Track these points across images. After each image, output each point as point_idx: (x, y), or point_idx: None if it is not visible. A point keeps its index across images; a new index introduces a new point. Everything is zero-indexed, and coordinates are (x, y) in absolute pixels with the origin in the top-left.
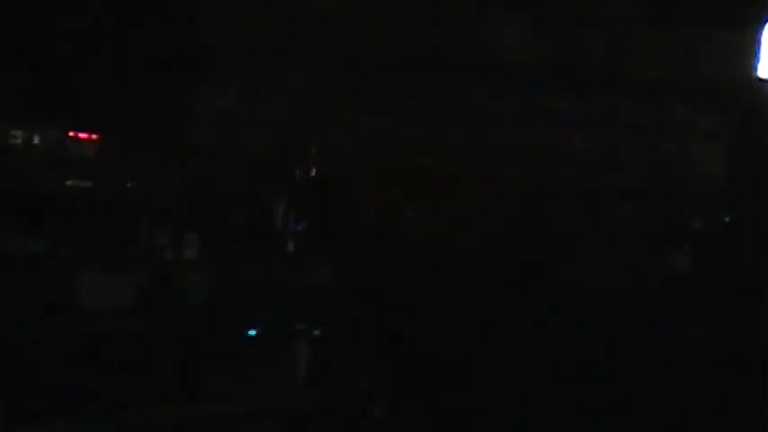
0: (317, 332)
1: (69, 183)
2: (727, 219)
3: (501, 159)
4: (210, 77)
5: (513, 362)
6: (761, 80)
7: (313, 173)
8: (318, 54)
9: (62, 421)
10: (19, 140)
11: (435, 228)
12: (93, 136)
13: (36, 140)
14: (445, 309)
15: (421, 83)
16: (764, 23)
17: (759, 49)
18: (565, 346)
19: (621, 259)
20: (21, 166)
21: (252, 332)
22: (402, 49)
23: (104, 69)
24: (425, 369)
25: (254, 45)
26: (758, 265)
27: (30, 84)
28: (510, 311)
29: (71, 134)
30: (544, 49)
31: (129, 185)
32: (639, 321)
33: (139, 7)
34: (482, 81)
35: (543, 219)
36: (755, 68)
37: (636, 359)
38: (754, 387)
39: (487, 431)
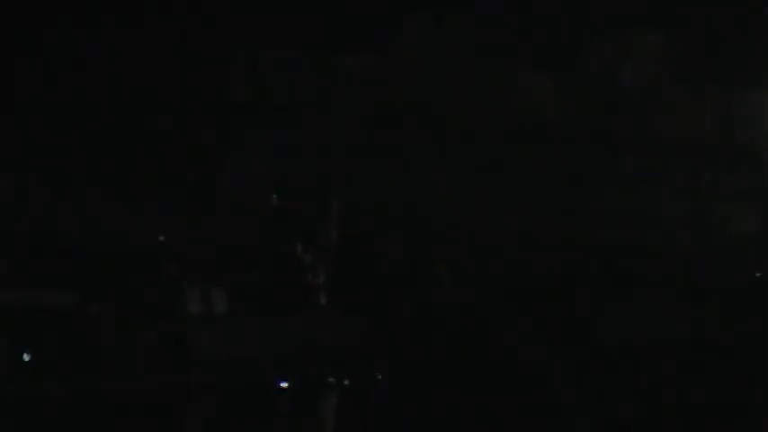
0: (346, 382)
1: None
2: (758, 276)
3: (531, 216)
4: (240, 135)
5: (543, 416)
6: None
7: (342, 228)
8: (348, 111)
9: None
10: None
11: (465, 283)
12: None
13: None
14: (475, 363)
15: (452, 140)
16: None
17: None
18: (593, 401)
19: (650, 317)
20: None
21: (283, 384)
22: (432, 106)
23: (135, 128)
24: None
25: (283, 102)
26: None
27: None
28: (539, 366)
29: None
30: (575, 108)
31: (159, 240)
32: (669, 379)
33: (170, 68)
34: (513, 139)
35: (572, 275)
36: None
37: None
38: None
39: None
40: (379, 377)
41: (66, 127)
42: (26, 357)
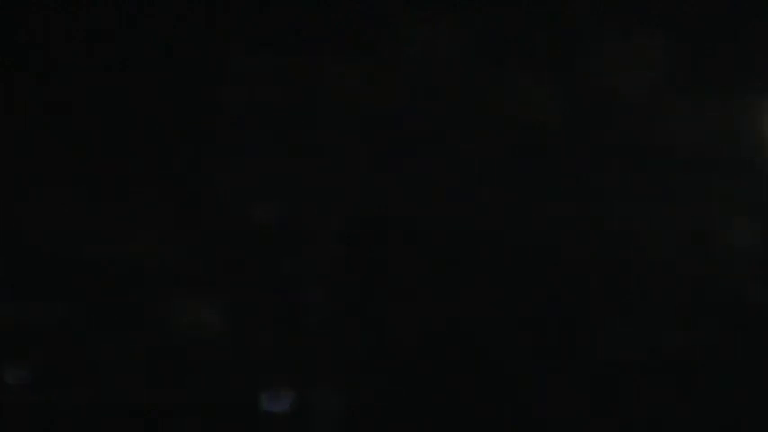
0: (340, 397)
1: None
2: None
3: (527, 227)
4: (229, 140)
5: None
6: None
7: (336, 238)
8: (339, 115)
9: None
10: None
11: (461, 293)
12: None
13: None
14: (471, 377)
15: (448, 147)
16: None
17: None
18: (591, 415)
19: (648, 333)
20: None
21: (276, 396)
22: (426, 110)
23: (120, 132)
24: None
25: (274, 105)
26: None
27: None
28: (535, 382)
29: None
30: (574, 116)
31: (143, 251)
32: (663, 399)
33: (158, 67)
34: (508, 147)
35: (570, 287)
36: None
37: None
38: None
39: None
40: (375, 391)
41: (58, 131)
42: (14, 372)
